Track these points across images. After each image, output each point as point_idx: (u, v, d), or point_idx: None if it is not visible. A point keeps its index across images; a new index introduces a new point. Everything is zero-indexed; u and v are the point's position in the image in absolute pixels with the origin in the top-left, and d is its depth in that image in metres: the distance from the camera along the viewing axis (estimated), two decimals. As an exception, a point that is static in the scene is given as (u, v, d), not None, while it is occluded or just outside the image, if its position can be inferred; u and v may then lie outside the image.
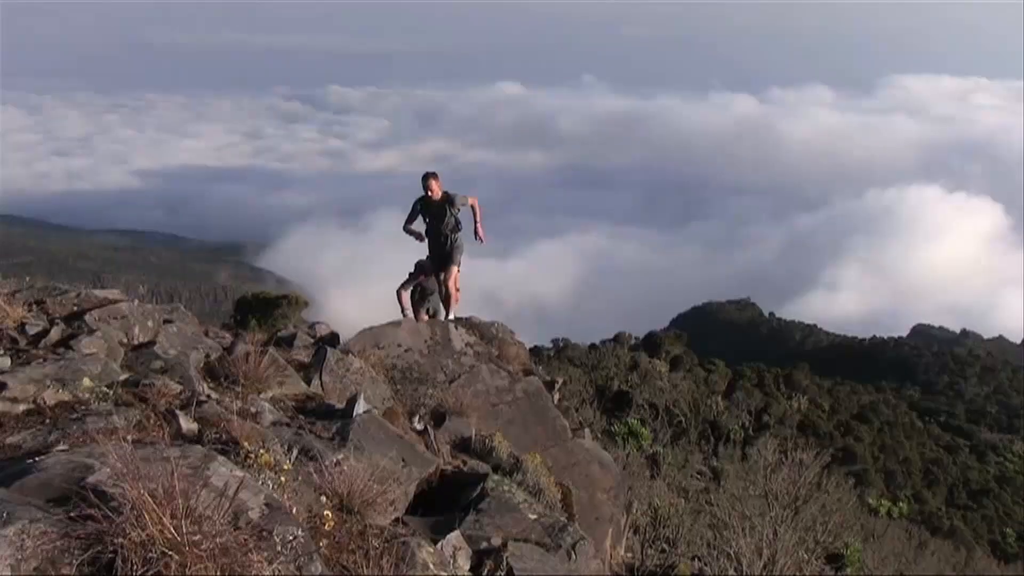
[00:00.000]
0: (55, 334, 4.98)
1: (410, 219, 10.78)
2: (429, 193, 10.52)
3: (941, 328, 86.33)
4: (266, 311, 15.28)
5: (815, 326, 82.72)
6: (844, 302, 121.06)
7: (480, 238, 10.86)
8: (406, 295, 10.94)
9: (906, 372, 66.42)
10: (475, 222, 10.85)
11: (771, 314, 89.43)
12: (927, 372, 67.75)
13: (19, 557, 2.59)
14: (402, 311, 10.70)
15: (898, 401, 50.42)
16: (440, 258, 10.74)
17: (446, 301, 10.75)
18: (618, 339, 36.26)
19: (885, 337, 77.49)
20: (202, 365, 5.32)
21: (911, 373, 66.72)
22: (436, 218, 10.63)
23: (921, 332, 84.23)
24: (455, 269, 10.78)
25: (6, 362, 4.46)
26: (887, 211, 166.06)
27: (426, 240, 10.82)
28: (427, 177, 10.68)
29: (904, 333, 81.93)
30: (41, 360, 4.53)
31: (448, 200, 10.61)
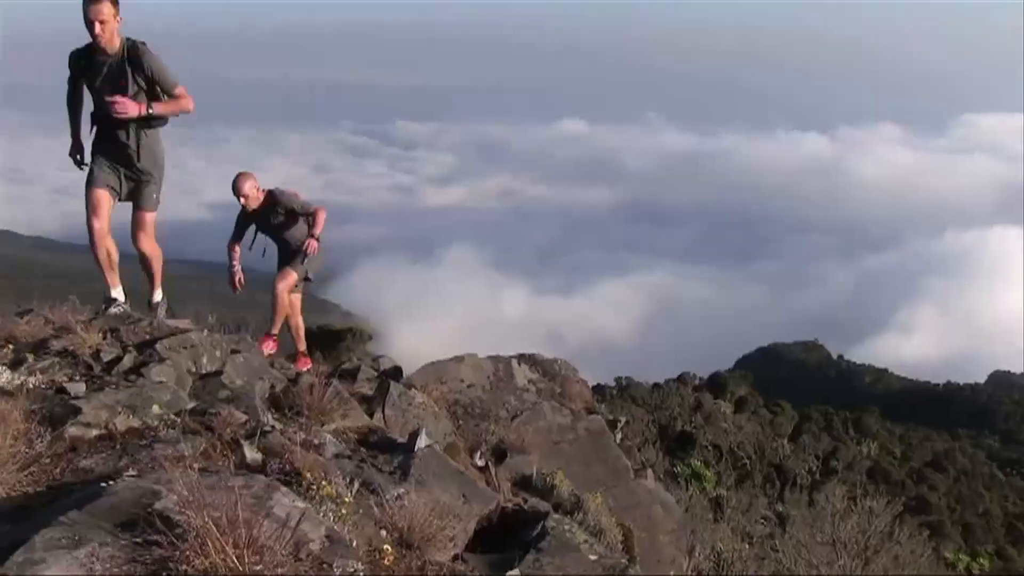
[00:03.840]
0: (128, 361, 5.10)
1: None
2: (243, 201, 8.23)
3: (1022, 375, 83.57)
4: (331, 344, 15.45)
5: (886, 370, 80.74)
6: (918, 346, 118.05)
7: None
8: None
9: (984, 420, 64.30)
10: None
11: (840, 356, 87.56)
12: (1007, 421, 65.41)
13: (87, 580, 2.64)
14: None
15: (975, 450, 48.77)
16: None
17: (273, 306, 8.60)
18: (682, 379, 35.88)
19: (961, 383, 75.28)
20: (267, 395, 5.38)
21: (989, 421, 64.57)
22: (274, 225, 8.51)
23: (1000, 378, 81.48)
24: (295, 275, 8.51)
25: (81, 387, 4.57)
26: (966, 252, 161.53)
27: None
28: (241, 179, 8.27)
29: (982, 379, 79.41)
30: (114, 386, 4.63)
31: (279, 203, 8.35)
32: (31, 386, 4.51)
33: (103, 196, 6.67)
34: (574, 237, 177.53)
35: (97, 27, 6.23)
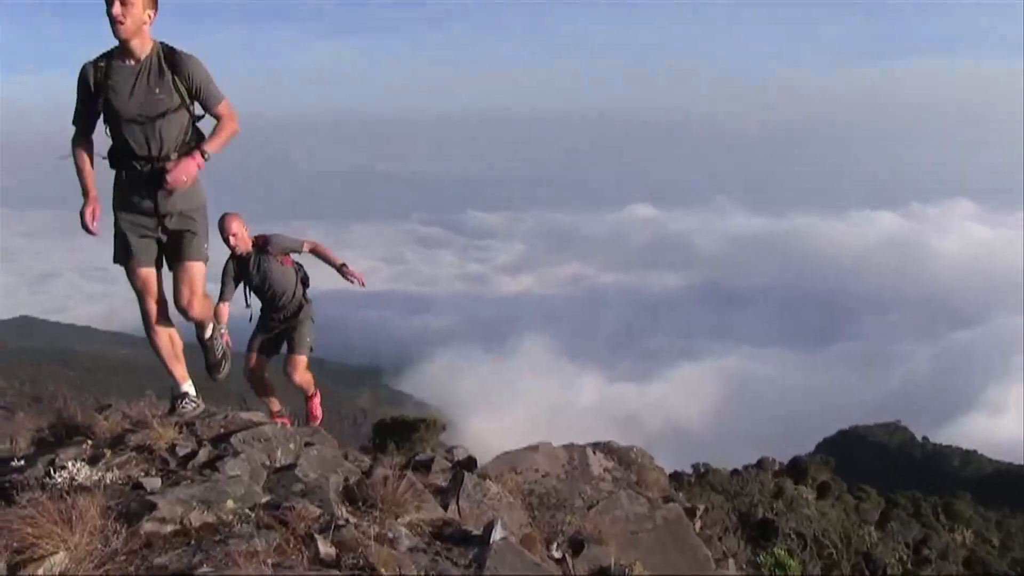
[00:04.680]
0: (203, 455, 5.12)
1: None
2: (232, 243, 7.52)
3: None
4: (404, 435, 15.42)
5: (975, 452, 77.62)
6: (1009, 426, 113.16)
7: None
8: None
9: (1089, 506, 61.04)
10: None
11: (924, 438, 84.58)
12: (1117, 508, 61.99)
13: None
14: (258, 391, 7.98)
15: (1085, 541, 46.03)
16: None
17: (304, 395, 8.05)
18: (761, 464, 34.87)
19: (1061, 467, 71.85)
20: (341, 488, 5.35)
21: (1096, 508, 61.24)
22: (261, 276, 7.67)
23: (1105, 462, 77.65)
24: (304, 358, 7.90)
25: (157, 482, 4.60)
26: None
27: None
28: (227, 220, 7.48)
29: (1086, 462, 75.75)
30: (189, 481, 4.65)
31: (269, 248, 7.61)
32: (108, 482, 4.55)
33: (150, 273, 5.44)
34: (647, 322, 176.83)
35: (116, 8, 4.71)
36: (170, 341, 5.71)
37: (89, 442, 5.19)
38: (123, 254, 5.38)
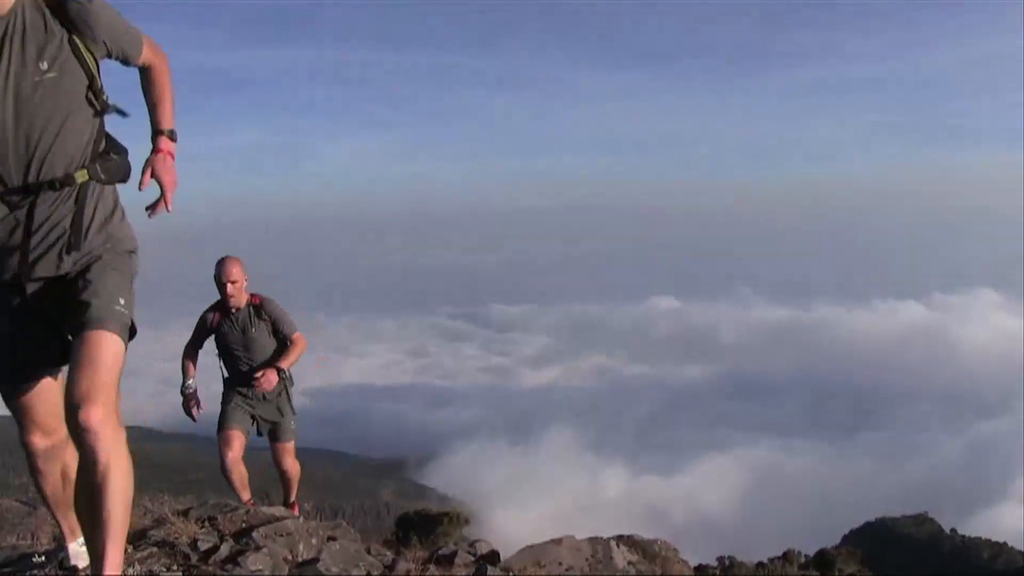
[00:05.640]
0: (224, 550, 5.10)
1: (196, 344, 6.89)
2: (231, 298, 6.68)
3: None
4: (428, 528, 15.25)
5: (1005, 544, 75.52)
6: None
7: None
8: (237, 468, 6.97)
9: None
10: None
11: (953, 530, 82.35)
12: None
13: None
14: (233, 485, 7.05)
15: None
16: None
17: (287, 483, 7.43)
18: (787, 557, 34.04)
19: (1094, 558, 69.81)
20: (363, 583, 5.30)
21: None
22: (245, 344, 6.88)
23: None
24: (292, 442, 7.28)
25: (177, 578, 4.58)
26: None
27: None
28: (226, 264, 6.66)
29: (1120, 554, 73.65)
30: (210, 577, 4.63)
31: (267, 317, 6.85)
32: (130, 577, 4.53)
33: (34, 380, 3.44)
34: (672, 414, 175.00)
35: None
36: (62, 481, 3.66)
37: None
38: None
